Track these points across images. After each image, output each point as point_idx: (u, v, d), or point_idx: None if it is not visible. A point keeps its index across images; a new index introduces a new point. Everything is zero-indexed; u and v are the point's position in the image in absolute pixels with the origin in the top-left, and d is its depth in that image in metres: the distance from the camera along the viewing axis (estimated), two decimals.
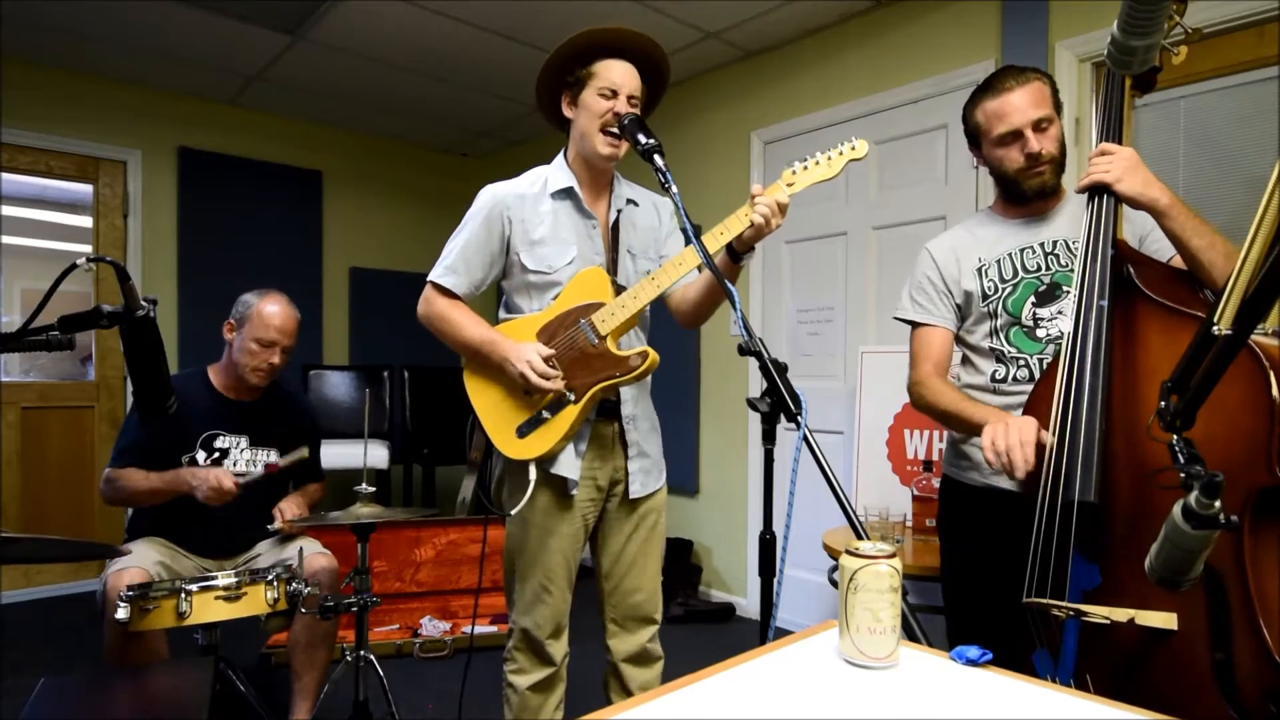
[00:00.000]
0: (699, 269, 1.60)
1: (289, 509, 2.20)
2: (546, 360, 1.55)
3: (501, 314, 1.74)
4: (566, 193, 1.68)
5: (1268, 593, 1.08)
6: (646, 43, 1.66)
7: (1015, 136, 1.52)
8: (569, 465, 1.64)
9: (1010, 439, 1.29)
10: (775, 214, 1.48)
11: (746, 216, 1.48)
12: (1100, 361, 1.26)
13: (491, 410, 1.66)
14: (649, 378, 1.77)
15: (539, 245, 1.65)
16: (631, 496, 1.71)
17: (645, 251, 1.75)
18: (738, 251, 1.56)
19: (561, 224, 1.67)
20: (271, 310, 2.20)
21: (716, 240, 1.51)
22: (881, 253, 3.22)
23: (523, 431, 1.61)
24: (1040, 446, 1.29)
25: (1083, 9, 2.57)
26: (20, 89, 3.75)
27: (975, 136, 1.61)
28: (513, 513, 1.63)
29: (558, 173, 1.70)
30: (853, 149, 1.49)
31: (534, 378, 1.54)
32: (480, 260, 1.68)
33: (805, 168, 1.51)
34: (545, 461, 1.62)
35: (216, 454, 2.21)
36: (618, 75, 1.62)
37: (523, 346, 1.57)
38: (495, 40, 3.49)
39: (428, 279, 1.70)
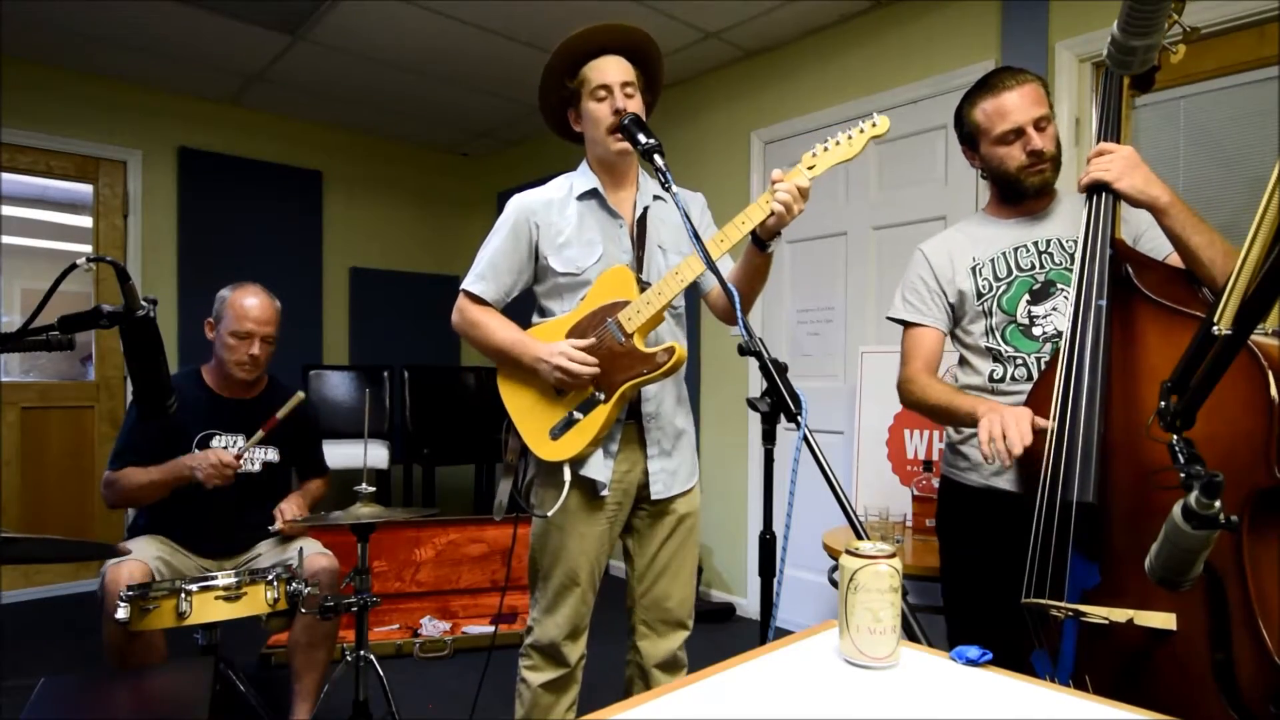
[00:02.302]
0: (731, 258, 1.60)
1: (289, 509, 2.19)
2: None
3: (535, 319, 1.76)
4: (591, 193, 1.70)
5: (1268, 593, 1.08)
6: (624, 33, 1.65)
7: (1018, 134, 1.52)
8: (598, 468, 1.64)
9: (1005, 423, 1.30)
10: (797, 199, 1.46)
11: (768, 204, 1.47)
12: (1099, 361, 1.26)
13: (525, 413, 1.67)
14: (679, 381, 1.78)
15: (566, 247, 1.67)
16: (654, 497, 1.71)
17: (677, 247, 1.75)
18: (763, 240, 1.55)
19: (587, 224, 1.68)
20: (245, 302, 2.18)
21: (739, 230, 1.50)
22: (881, 253, 3.22)
23: (556, 433, 1.62)
24: (1039, 431, 1.29)
25: (1083, 9, 2.57)
26: (20, 89, 3.75)
27: (972, 137, 1.60)
28: (549, 514, 1.63)
29: (582, 177, 1.73)
30: (874, 125, 1.46)
31: (570, 364, 1.54)
32: (508, 267, 1.70)
33: (826, 149, 1.48)
34: (576, 463, 1.62)
35: None
36: (605, 72, 1.63)
37: (553, 344, 1.59)
38: (495, 40, 3.49)
39: (460, 288, 1.72)
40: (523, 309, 1.76)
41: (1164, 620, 1.12)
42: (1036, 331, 1.54)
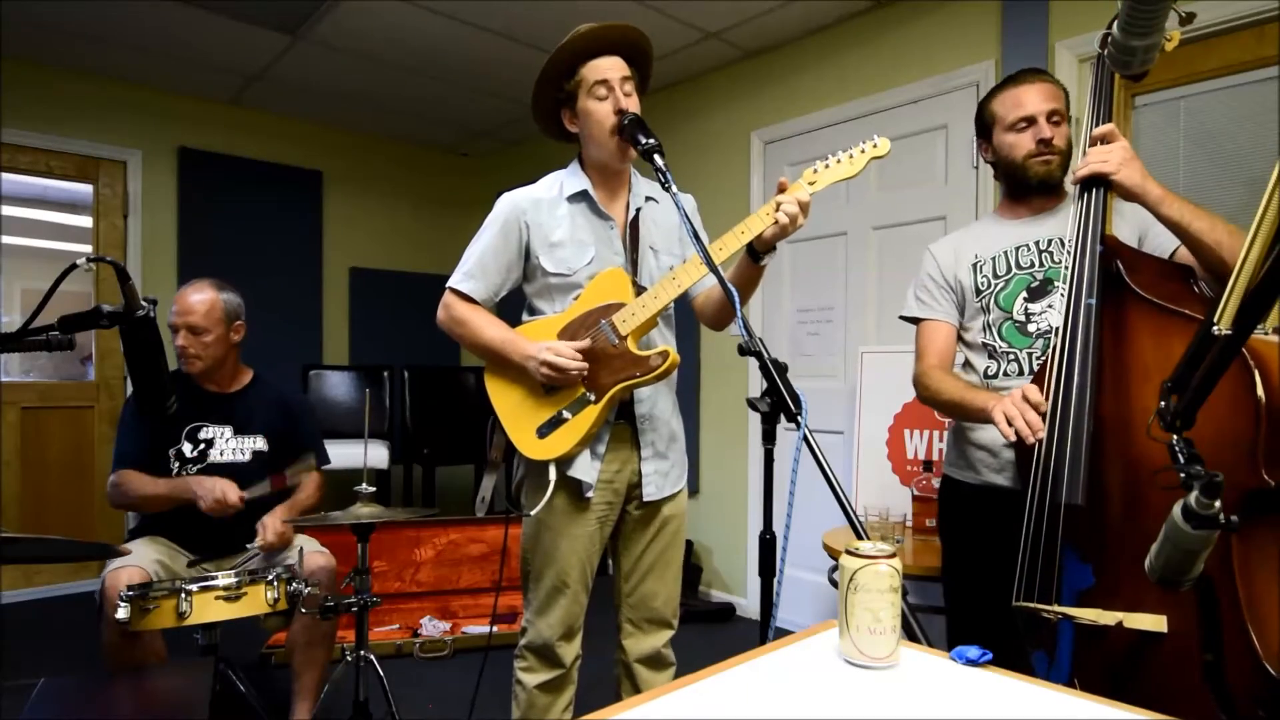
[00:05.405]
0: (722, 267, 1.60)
1: (272, 524, 2.16)
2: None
3: (525, 318, 1.75)
4: (581, 195, 1.69)
5: (1256, 596, 1.07)
6: (620, 31, 1.64)
7: (1029, 122, 1.57)
8: (585, 468, 1.64)
9: (1019, 405, 1.31)
10: (799, 213, 1.47)
11: (769, 216, 1.48)
12: (1088, 362, 1.26)
13: (512, 411, 1.66)
14: (673, 384, 1.77)
15: (557, 247, 1.66)
16: (646, 499, 1.70)
17: (669, 248, 1.74)
18: (758, 251, 1.55)
19: (579, 226, 1.68)
20: (179, 295, 2.21)
21: (738, 239, 1.51)
22: (881, 253, 3.22)
23: (543, 432, 1.61)
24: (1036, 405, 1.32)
25: (1083, 9, 2.56)
26: (20, 89, 3.74)
27: (988, 126, 1.64)
28: (532, 513, 1.63)
29: (572, 177, 1.72)
30: (875, 146, 1.49)
31: (557, 359, 1.54)
32: (498, 266, 1.69)
33: (827, 166, 1.50)
34: (563, 463, 1.62)
35: (202, 444, 2.23)
36: (604, 71, 1.62)
37: (544, 341, 1.59)
38: (495, 40, 3.49)
39: (447, 285, 1.71)
40: (513, 309, 1.75)
41: (1154, 622, 1.12)
42: (1032, 328, 1.56)
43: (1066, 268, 1.35)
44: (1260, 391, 1.06)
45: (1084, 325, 1.28)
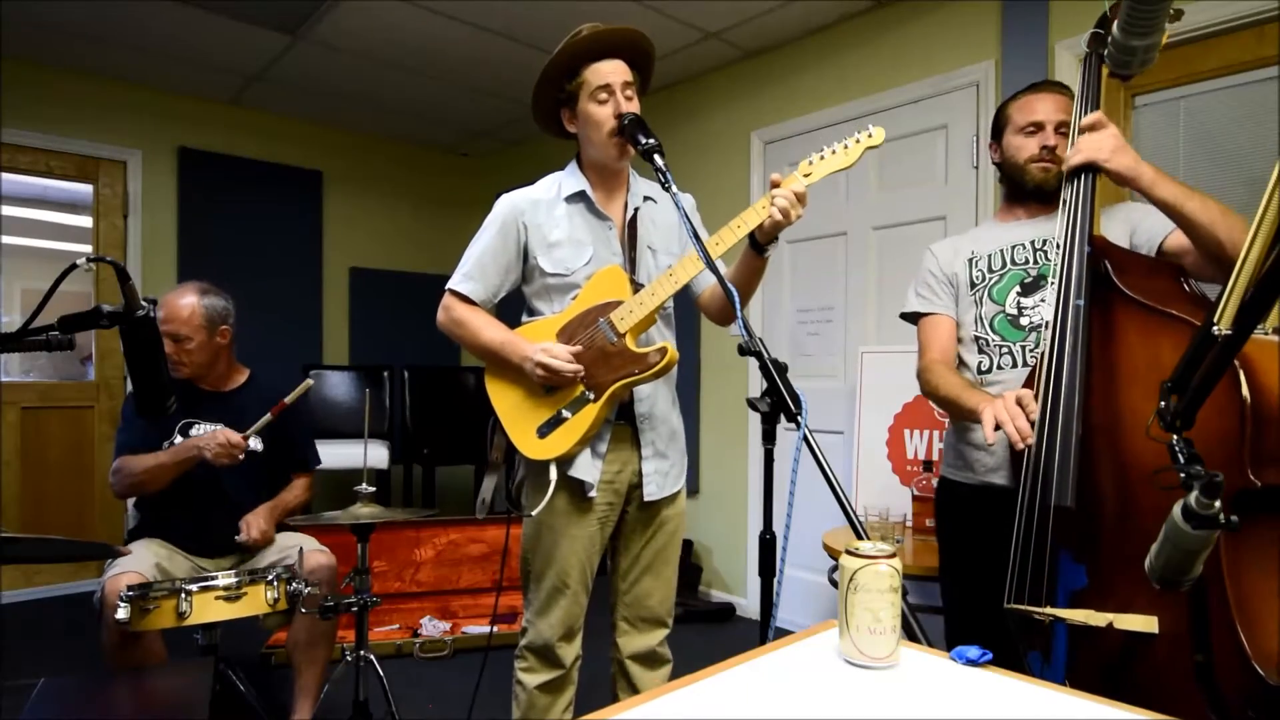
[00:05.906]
0: (724, 261, 1.60)
1: (255, 522, 2.17)
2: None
3: (524, 319, 1.75)
4: (579, 196, 1.69)
5: (1245, 596, 1.06)
6: (622, 34, 1.64)
7: (1038, 128, 1.61)
8: (586, 468, 1.64)
9: (1010, 409, 1.31)
10: (794, 205, 1.48)
11: (765, 209, 1.48)
12: (1077, 363, 1.26)
13: (512, 411, 1.67)
14: (673, 381, 1.78)
15: (556, 247, 1.66)
16: (647, 499, 1.70)
17: (667, 247, 1.75)
18: (760, 244, 1.56)
19: (577, 226, 1.68)
20: (163, 301, 2.19)
21: (734, 234, 1.51)
22: (881, 253, 3.21)
23: (543, 431, 1.61)
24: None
25: (1083, 9, 2.56)
26: (20, 89, 3.74)
27: (1001, 128, 1.69)
28: (533, 513, 1.63)
29: (570, 177, 1.72)
30: (869, 136, 1.50)
31: (553, 362, 1.54)
32: (497, 267, 1.70)
33: (822, 157, 1.51)
34: (564, 463, 1.62)
35: None
36: (606, 74, 1.62)
37: (539, 343, 1.59)
38: (495, 40, 3.49)
39: (446, 287, 1.71)
40: (512, 310, 1.75)
41: (1145, 623, 1.11)
42: (1024, 321, 1.58)
43: (1055, 267, 1.35)
44: (1245, 391, 1.06)
45: (1073, 327, 1.28)
